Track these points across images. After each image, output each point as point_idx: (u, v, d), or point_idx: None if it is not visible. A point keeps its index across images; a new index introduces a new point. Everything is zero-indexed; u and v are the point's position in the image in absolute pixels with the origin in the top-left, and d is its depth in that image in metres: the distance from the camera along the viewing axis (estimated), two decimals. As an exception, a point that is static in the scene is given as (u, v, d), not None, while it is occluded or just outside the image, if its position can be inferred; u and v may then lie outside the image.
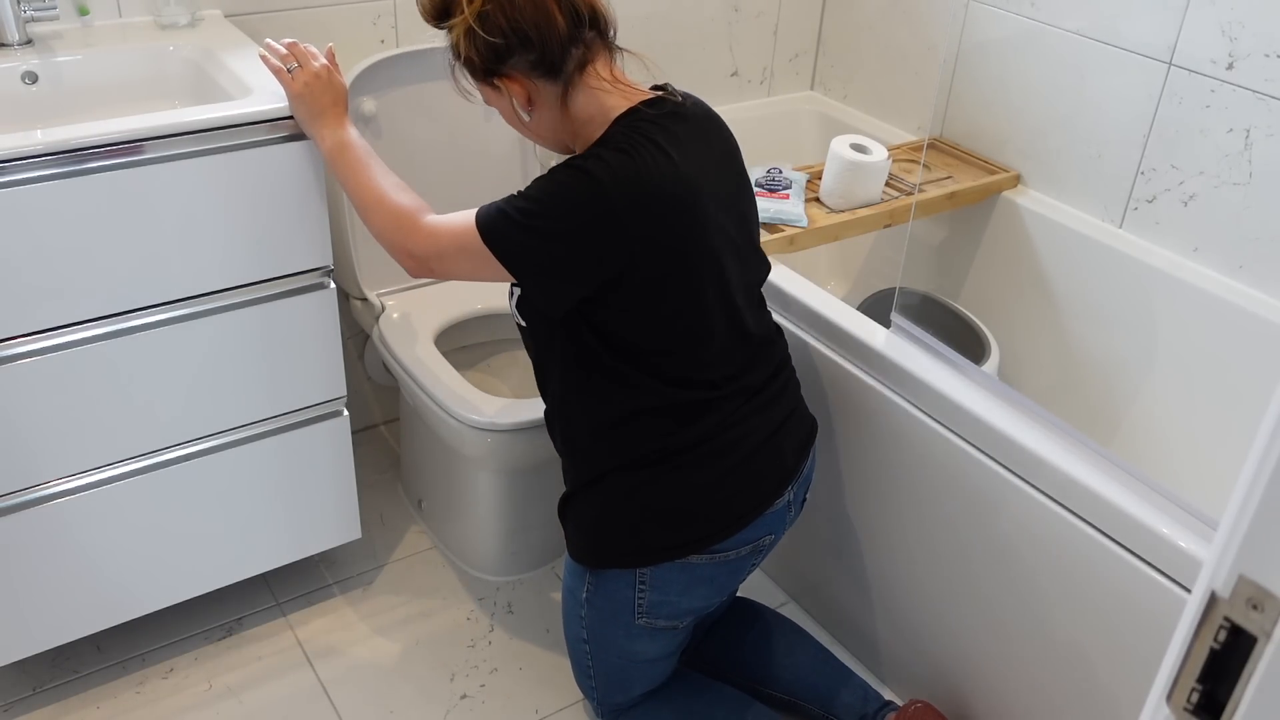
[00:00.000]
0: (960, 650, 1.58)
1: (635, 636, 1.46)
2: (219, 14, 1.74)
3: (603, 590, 1.44)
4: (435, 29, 1.30)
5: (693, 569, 1.38)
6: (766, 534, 1.41)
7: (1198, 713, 0.51)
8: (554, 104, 1.29)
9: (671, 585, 1.40)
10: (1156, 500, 1.28)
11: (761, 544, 1.42)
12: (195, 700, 1.67)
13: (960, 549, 1.52)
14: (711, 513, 1.36)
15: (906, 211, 1.96)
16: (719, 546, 1.37)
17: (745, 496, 1.37)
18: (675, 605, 1.43)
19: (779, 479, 1.40)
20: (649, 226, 1.23)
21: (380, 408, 2.27)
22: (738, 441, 1.36)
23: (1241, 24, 1.65)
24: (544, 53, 1.24)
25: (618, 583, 1.41)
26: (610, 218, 1.21)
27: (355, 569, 1.92)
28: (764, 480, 1.39)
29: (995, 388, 1.48)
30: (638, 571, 1.39)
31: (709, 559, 1.38)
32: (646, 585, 1.40)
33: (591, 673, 1.54)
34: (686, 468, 1.34)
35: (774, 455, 1.40)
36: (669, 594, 1.41)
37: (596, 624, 1.48)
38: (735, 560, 1.41)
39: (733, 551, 1.39)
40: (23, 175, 1.28)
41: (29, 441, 1.42)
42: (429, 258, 1.32)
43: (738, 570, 1.44)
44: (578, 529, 1.44)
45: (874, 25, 2.30)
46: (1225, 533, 0.49)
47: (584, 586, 1.45)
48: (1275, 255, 1.69)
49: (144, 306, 1.43)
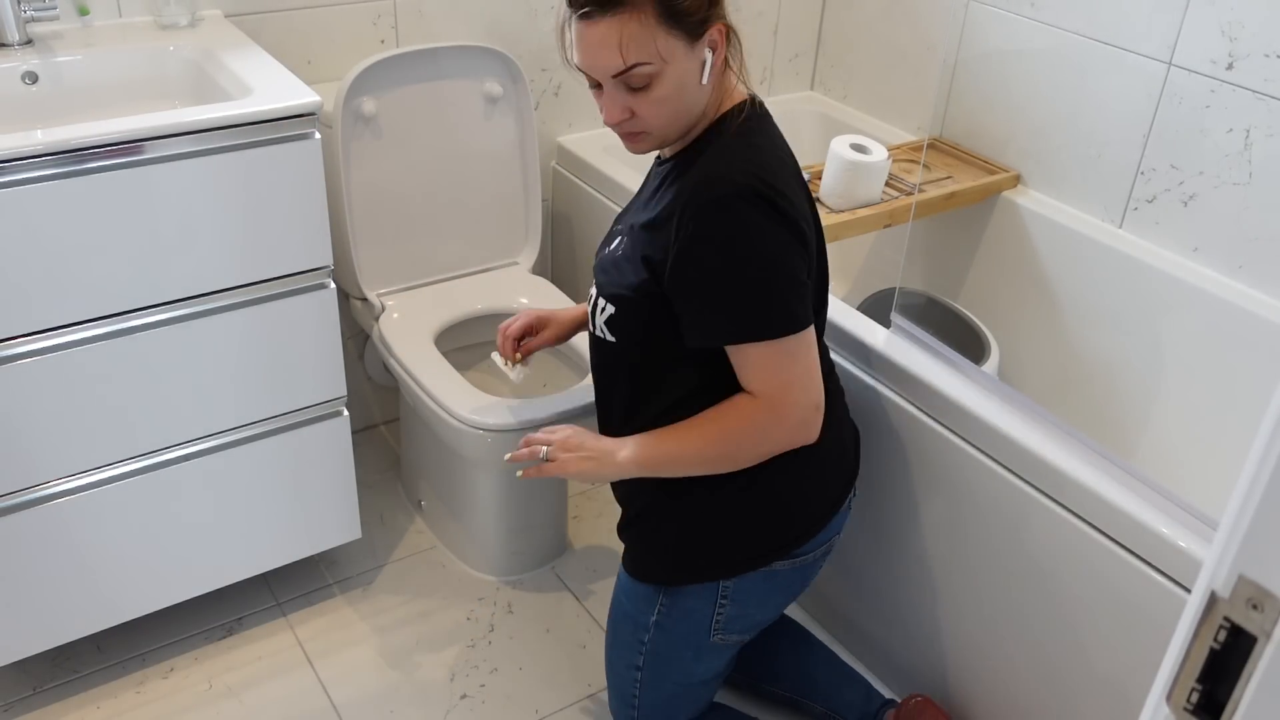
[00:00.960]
0: (959, 650, 1.58)
1: (704, 655, 1.42)
2: (219, 14, 1.74)
3: (677, 610, 1.37)
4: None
5: (775, 576, 1.36)
6: (836, 533, 1.41)
7: (1198, 712, 0.51)
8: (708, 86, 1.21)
9: (752, 596, 1.37)
10: (1156, 500, 1.28)
11: (832, 544, 1.42)
12: (195, 700, 1.67)
13: (959, 549, 1.52)
14: (795, 515, 1.34)
15: (906, 211, 1.96)
16: (802, 549, 1.35)
17: (823, 496, 1.37)
18: (751, 617, 1.41)
19: (848, 476, 1.41)
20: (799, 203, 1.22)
21: (380, 408, 2.27)
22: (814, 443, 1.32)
23: (1241, 24, 1.65)
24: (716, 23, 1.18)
25: (697, 600, 1.36)
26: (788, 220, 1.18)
27: (355, 569, 1.92)
28: (837, 479, 1.39)
29: (995, 388, 1.48)
30: (721, 586, 1.34)
31: (791, 564, 1.36)
32: (728, 599, 1.35)
33: (636, 702, 1.47)
34: (768, 471, 1.29)
35: (840, 452, 1.40)
36: (748, 606, 1.37)
37: (662, 648, 1.41)
38: (811, 563, 1.39)
39: (810, 554, 1.37)
40: (23, 175, 1.28)
41: (29, 441, 1.42)
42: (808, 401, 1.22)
43: (810, 574, 1.42)
44: (652, 548, 1.38)
45: (874, 25, 2.30)
46: (1225, 533, 0.49)
47: (654, 610, 1.38)
48: (1275, 255, 1.69)
49: (144, 306, 1.43)
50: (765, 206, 1.16)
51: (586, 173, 2.13)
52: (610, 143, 2.15)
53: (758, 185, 1.15)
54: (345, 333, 1.75)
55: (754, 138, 1.22)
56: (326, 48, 1.87)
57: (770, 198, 1.16)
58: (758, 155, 1.20)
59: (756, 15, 2.32)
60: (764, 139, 1.23)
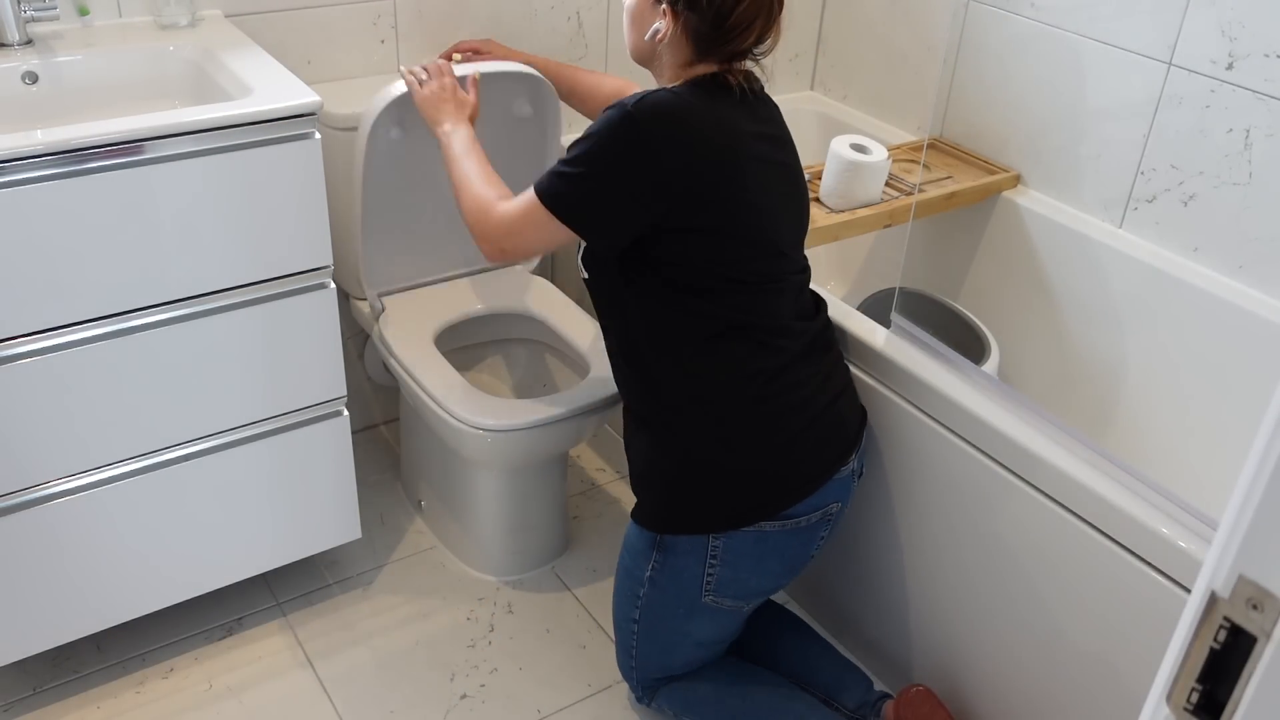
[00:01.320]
0: (959, 650, 1.58)
1: (697, 616, 1.47)
2: (219, 14, 1.74)
3: (670, 566, 1.44)
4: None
5: (766, 538, 1.40)
6: (834, 501, 1.43)
7: (1197, 712, 0.51)
8: (677, 56, 1.37)
9: (744, 558, 1.41)
10: (1156, 500, 1.28)
11: (830, 511, 1.44)
12: (195, 700, 1.67)
13: (959, 549, 1.52)
14: (787, 474, 1.39)
15: (906, 211, 1.96)
16: (793, 510, 1.39)
17: (815, 459, 1.40)
18: (744, 582, 1.44)
19: (844, 444, 1.44)
20: (683, 158, 1.29)
21: (380, 408, 2.27)
22: (804, 404, 1.39)
23: (1241, 24, 1.65)
24: (714, 40, 1.33)
25: (688, 558, 1.42)
26: (643, 147, 1.28)
27: (355, 569, 1.92)
28: (831, 444, 1.42)
29: (995, 388, 1.48)
30: (710, 544, 1.40)
31: (781, 525, 1.39)
32: (718, 559, 1.41)
33: (635, 651, 1.56)
34: (760, 426, 1.37)
35: (838, 421, 1.44)
36: (740, 569, 1.42)
37: (656, 604, 1.48)
38: (807, 528, 1.42)
39: (804, 518, 1.41)
40: (23, 175, 1.28)
41: (29, 441, 1.42)
42: (501, 238, 1.39)
43: (809, 542, 1.45)
44: (649, 496, 1.46)
45: (874, 25, 2.30)
46: (1225, 533, 0.49)
47: (648, 565, 1.46)
48: (1275, 255, 1.69)
49: (144, 306, 1.43)
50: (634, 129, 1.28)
51: (586, 173, 2.12)
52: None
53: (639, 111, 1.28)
54: (345, 333, 1.75)
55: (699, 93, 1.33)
56: (326, 48, 1.87)
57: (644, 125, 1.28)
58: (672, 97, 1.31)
59: None
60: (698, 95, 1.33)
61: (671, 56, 1.37)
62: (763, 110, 1.41)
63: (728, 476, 1.39)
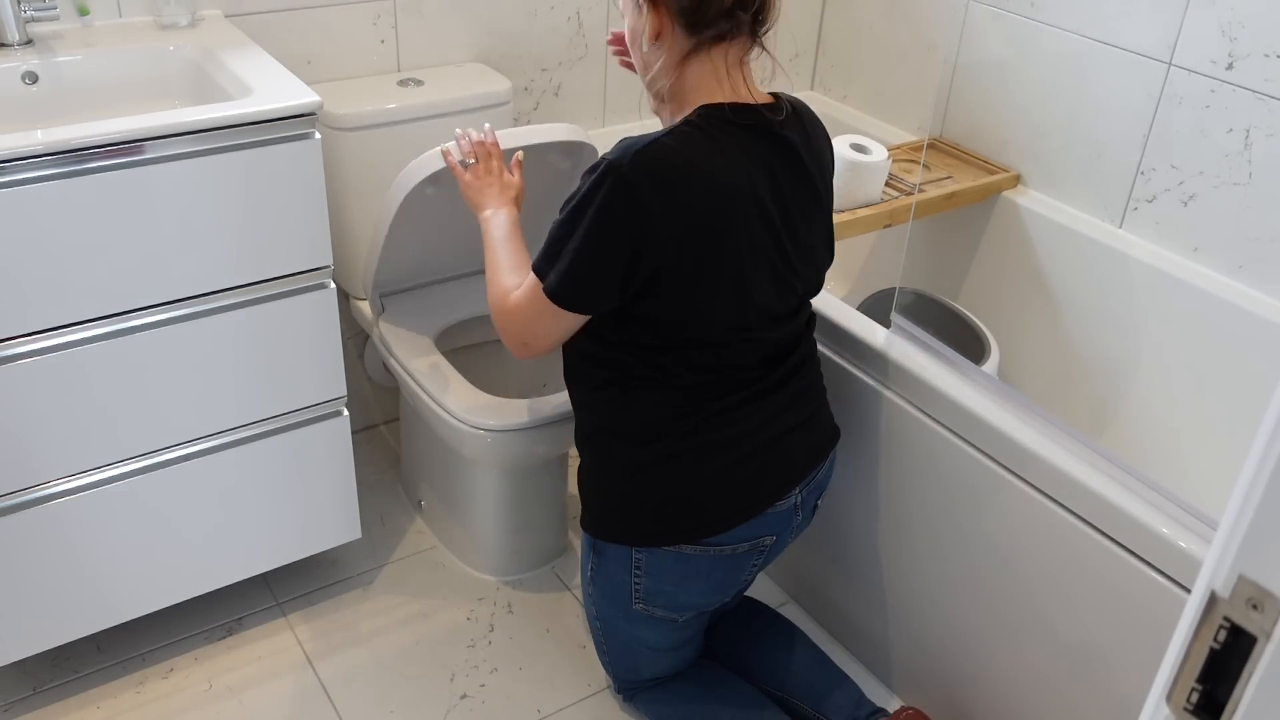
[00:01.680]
0: (958, 649, 1.58)
1: (634, 621, 1.49)
2: (219, 14, 1.74)
3: (604, 569, 1.47)
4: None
5: (687, 560, 1.39)
6: (767, 534, 1.41)
7: (1198, 713, 0.51)
8: (674, 55, 1.28)
9: (666, 574, 1.41)
10: (1156, 500, 1.28)
11: (761, 544, 1.42)
12: (195, 700, 1.67)
13: (959, 549, 1.52)
14: (708, 504, 1.37)
15: (906, 211, 1.96)
16: (712, 540, 1.38)
17: (745, 493, 1.37)
18: (671, 597, 1.44)
19: (782, 480, 1.40)
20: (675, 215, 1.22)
21: (380, 408, 2.27)
22: (743, 438, 1.36)
23: (1241, 24, 1.65)
24: (696, 8, 1.24)
25: (615, 564, 1.44)
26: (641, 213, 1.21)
27: (355, 569, 1.92)
28: (766, 480, 1.39)
29: (995, 388, 1.48)
30: (633, 555, 1.41)
31: (702, 550, 1.38)
32: (642, 571, 1.42)
33: (605, 648, 1.59)
34: (689, 455, 1.35)
35: (781, 456, 1.39)
36: (664, 583, 1.42)
37: (600, 604, 1.53)
38: (732, 557, 1.41)
39: (728, 547, 1.39)
40: (23, 175, 1.28)
41: (29, 441, 1.42)
42: (519, 332, 1.34)
43: (736, 568, 1.44)
44: (589, 501, 1.47)
45: (874, 25, 2.30)
46: (1225, 533, 0.49)
47: (589, 564, 1.50)
48: (1275, 255, 1.69)
49: (144, 306, 1.43)
50: (621, 188, 1.20)
51: (586, 173, 2.12)
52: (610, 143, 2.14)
53: (628, 168, 1.20)
54: (345, 333, 1.75)
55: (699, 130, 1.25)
56: (326, 48, 1.87)
57: (632, 183, 1.20)
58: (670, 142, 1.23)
59: None
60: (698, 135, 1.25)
61: (669, 56, 1.28)
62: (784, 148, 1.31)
63: (651, 497, 1.38)
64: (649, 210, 1.20)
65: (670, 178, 1.21)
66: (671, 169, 1.21)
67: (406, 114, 1.83)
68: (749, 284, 1.29)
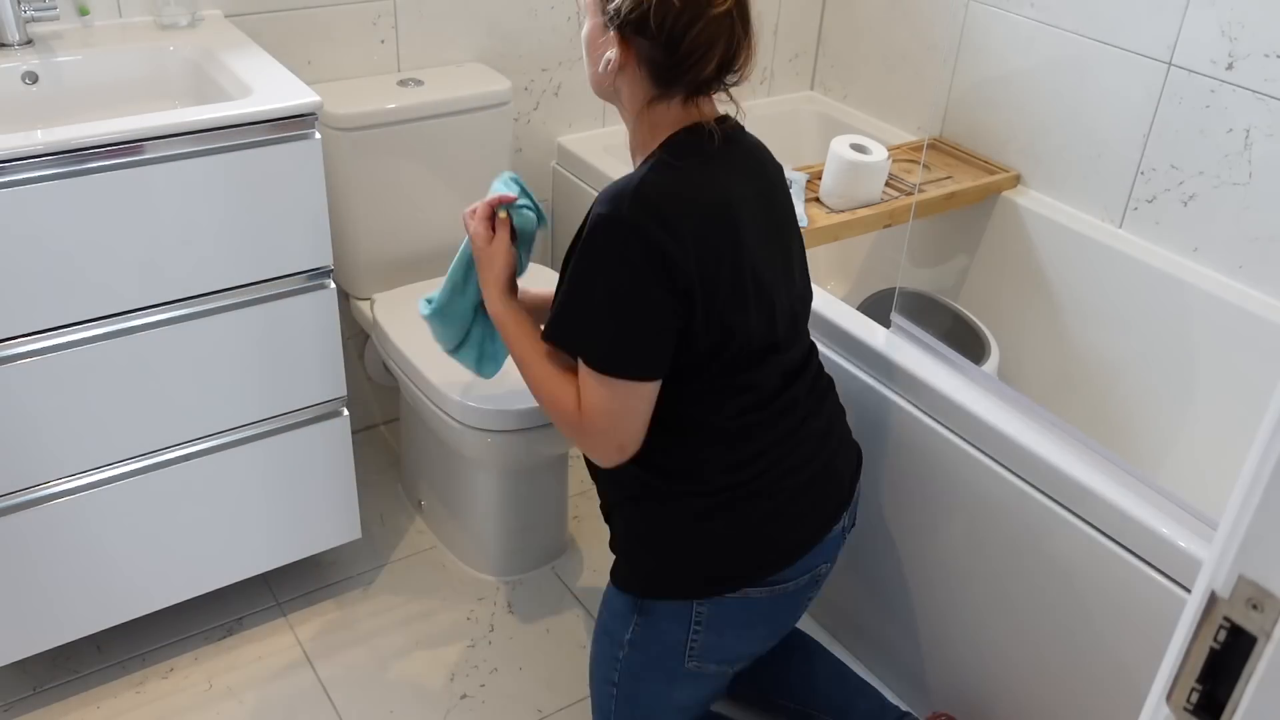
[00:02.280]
0: (959, 648, 1.58)
1: (679, 681, 1.39)
2: (219, 14, 1.74)
3: (652, 631, 1.35)
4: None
5: (753, 604, 1.33)
6: (824, 562, 1.37)
7: (1197, 712, 0.51)
8: (637, 92, 1.24)
9: (729, 623, 1.34)
10: (1156, 500, 1.28)
11: (819, 573, 1.38)
12: (195, 700, 1.67)
13: (959, 549, 1.52)
14: (774, 541, 1.31)
15: (906, 211, 1.96)
16: (781, 576, 1.32)
17: (808, 523, 1.34)
18: (730, 648, 1.38)
19: (837, 502, 1.37)
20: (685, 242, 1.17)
21: (380, 408, 2.27)
22: (798, 467, 1.32)
23: (1241, 24, 1.65)
24: (672, 70, 1.19)
25: (670, 622, 1.34)
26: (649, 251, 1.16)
27: (355, 569, 1.92)
28: (824, 505, 1.35)
29: (995, 388, 1.48)
30: (694, 609, 1.32)
31: (769, 592, 1.33)
32: (703, 625, 1.33)
33: (613, 715, 1.46)
34: (751, 496, 1.29)
35: (832, 479, 1.36)
36: (725, 634, 1.35)
37: (636, 667, 1.39)
38: (794, 593, 1.36)
39: (792, 582, 1.34)
40: (23, 175, 1.28)
41: (29, 441, 1.42)
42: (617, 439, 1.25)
43: (796, 604, 1.39)
44: (630, 559, 1.38)
45: (874, 25, 2.30)
46: (1225, 533, 0.49)
47: (629, 627, 1.37)
48: (1275, 255, 1.69)
49: (144, 306, 1.43)
50: (630, 236, 1.16)
51: (586, 173, 2.13)
52: (610, 143, 2.15)
53: (628, 214, 1.16)
54: (345, 333, 1.74)
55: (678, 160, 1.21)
56: (326, 48, 1.87)
57: (636, 225, 1.16)
58: (662, 180, 1.19)
59: (756, 15, 2.31)
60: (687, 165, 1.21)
61: (630, 91, 1.24)
62: (751, 160, 1.30)
63: (715, 542, 1.30)
64: (663, 246, 1.16)
65: (672, 211, 1.17)
66: (670, 202, 1.18)
67: (406, 114, 1.83)
68: (770, 292, 1.27)
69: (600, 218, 1.18)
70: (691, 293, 1.19)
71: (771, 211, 1.32)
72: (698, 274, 1.19)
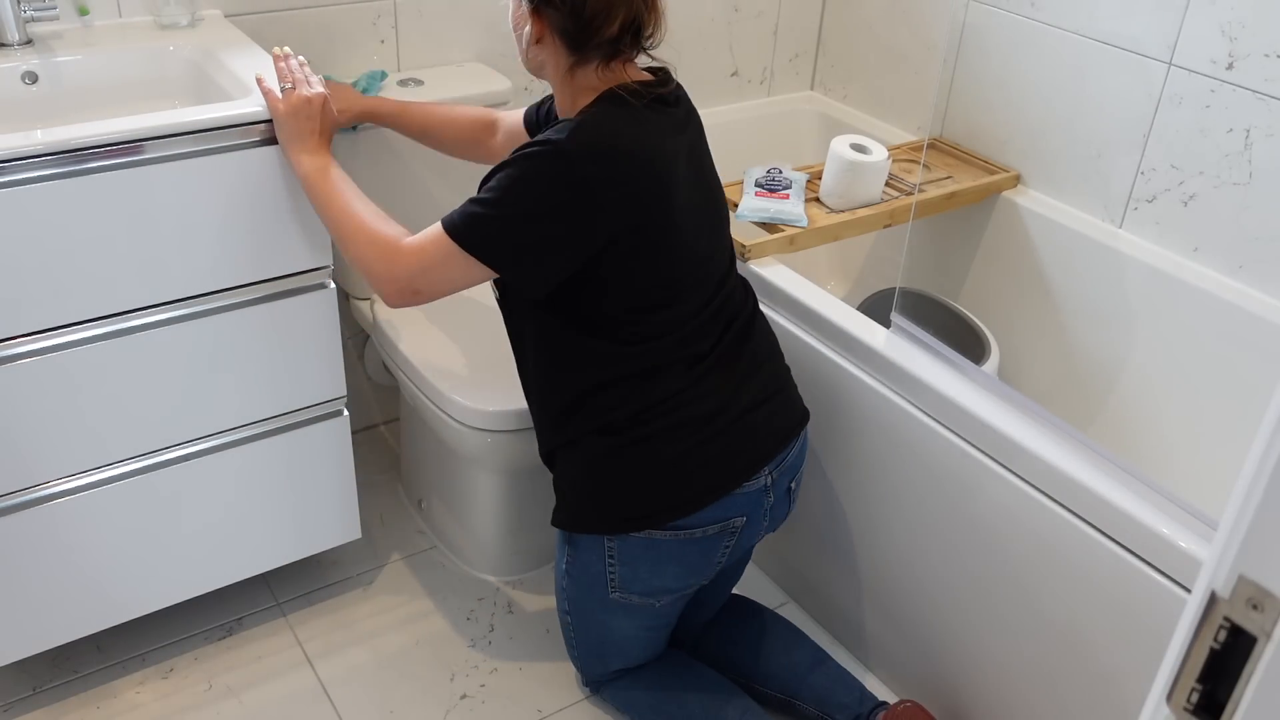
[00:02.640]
0: (958, 649, 1.58)
1: (611, 610, 1.50)
2: (219, 14, 1.74)
3: (579, 561, 1.48)
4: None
5: (659, 545, 1.40)
6: (737, 515, 1.41)
7: (1198, 713, 0.51)
8: (558, 60, 1.32)
9: (640, 561, 1.42)
10: (1156, 500, 1.28)
11: (731, 525, 1.41)
12: (195, 700, 1.67)
13: (959, 549, 1.52)
14: (675, 486, 1.38)
15: (906, 211, 1.96)
16: (682, 522, 1.38)
17: (710, 473, 1.38)
18: (646, 582, 1.45)
19: (751, 459, 1.40)
20: (618, 188, 1.25)
21: (380, 408, 2.27)
22: (709, 417, 1.37)
23: (1241, 24, 1.65)
24: (580, 33, 1.28)
25: (590, 555, 1.46)
26: (582, 190, 1.24)
27: (355, 569, 1.92)
28: (734, 459, 1.39)
29: (995, 388, 1.48)
30: (606, 544, 1.43)
31: (672, 534, 1.39)
32: (615, 559, 1.43)
33: (575, 641, 1.61)
34: (654, 439, 1.36)
35: (746, 434, 1.40)
36: (639, 570, 1.43)
37: (576, 595, 1.53)
38: (704, 540, 1.41)
39: (698, 530, 1.40)
40: (23, 175, 1.28)
41: (29, 441, 1.42)
42: (412, 277, 1.32)
43: (709, 550, 1.44)
44: (561, 495, 1.48)
45: (874, 25, 2.30)
46: (1225, 533, 0.49)
47: (564, 558, 1.51)
48: (1275, 255, 1.69)
49: (144, 306, 1.43)
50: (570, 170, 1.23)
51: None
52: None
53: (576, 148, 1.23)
54: (345, 333, 1.75)
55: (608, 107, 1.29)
56: (326, 48, 1.87)
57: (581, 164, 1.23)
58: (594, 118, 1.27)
59: (756, 15, 2.32)
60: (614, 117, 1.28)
61: (553, 62, 1.33)
62: (679, 112, 1.37)
63: (619, 481, 1.40)
64: (593, 184, 1.24)
65: (619, 149, 1.26)
66: (618, 140, 1.26)
67: (406, 114, 1.83)
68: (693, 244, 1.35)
69: (538, 142, 1.25)
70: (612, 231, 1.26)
71: (699, 166, 1.40)
72: (624, 219, 1.26)
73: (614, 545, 1.43)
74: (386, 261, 1.33)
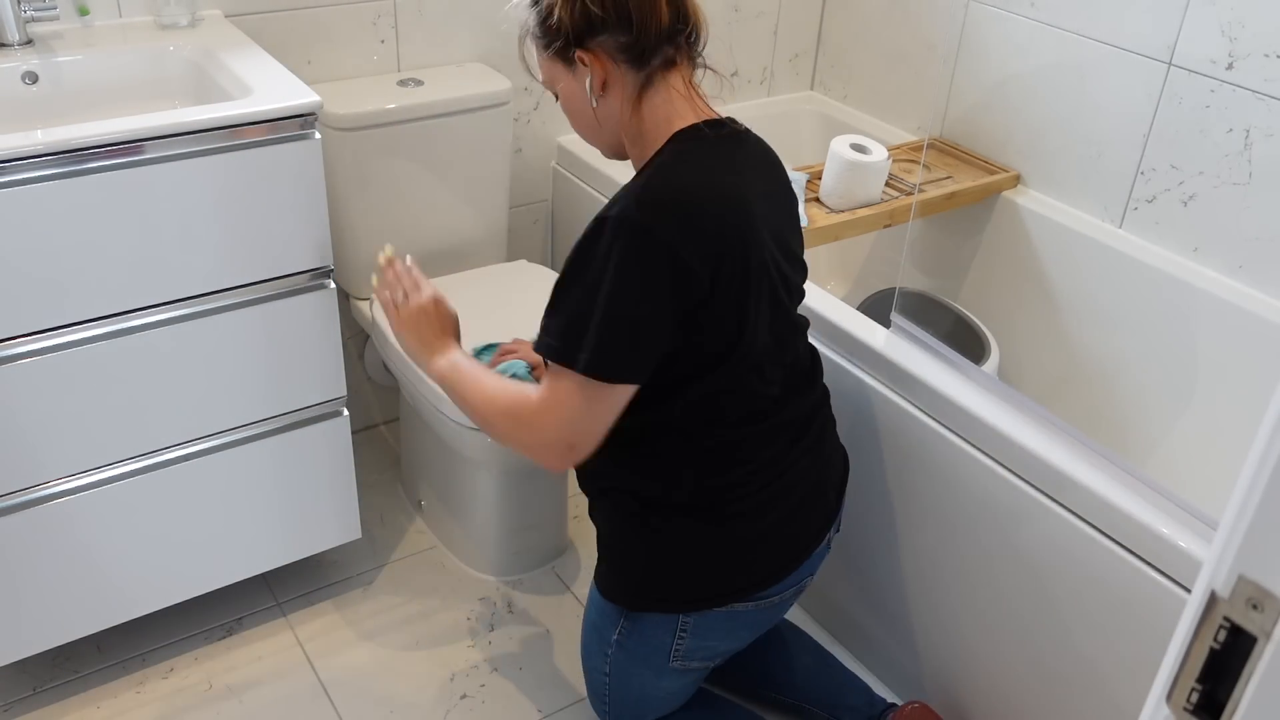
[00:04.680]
0: (959, 649, 1.58)
1: (665, 676, 1.43)
2: (219, 14, 1.74)
3: (638, 634, 1.38)
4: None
5: (739, 615, 1.35)
6: (809, 575, 1.40)
7: (1197, 713, 0.51)
8: (628, 95, 1.22)
9: (714, 631, 1.36)
10: (1156, 500, 1.28)
11: (804, 585, 1.41)
12: (195, 700, 1.67)
13: (959, 549, 1.52)
14: (765, 559, 1.33)
15: (906, 211, 1.96)
16: (766, 594, 1.34)
17: (796, 541, 1.35)
18: (714, 649, 1.41)
19: (824, 520, 1.38)
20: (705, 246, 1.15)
21: (380, 408, 2.27)
22: (791, 486, 1.32)
23: (1241, 24, 1.65)
24: (639, 38, 1.18)
25: (656, 629, 1.36)
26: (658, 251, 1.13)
27: (355, 569, 1.92)
28: (812, 523, 1.36)
29: (995, 388, 1.48)
30: (680, 620, 1.34)
31: (754, 605, 1.35)
32: (688, 632, 1.35)
33: (608, 700, 1.49)
34: (738, 513, 1.29)
35: (820, 496, 1.37)
36: (709, 639, 1.37)
37: (624, 664, 1.43)
38: (779, 604, 1.39)
39: (776, 596, 1.36)
40: (23, 175, 1.28)
41: (29, 441, 1.42)
42: (564, 436, 1.19)
43: (779, 612, 1.42)
44: (617, 571, 1.38)
45: (874, 25, 2.30)
46: (1225, 533, 0.49)
47: (615, 629, 1.40)
48: (1275, 255, 1.69)
49: (144, 306, 1.43)
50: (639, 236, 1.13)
51: (586, 173, 2.13)
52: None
53: (636, 214, 1.13)
54: (345, 333, 1.74)
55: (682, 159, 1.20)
56: (326, 48, 1.87)
57: (646, 227, 1.13)
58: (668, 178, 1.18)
59: (756, 15, 2.32)
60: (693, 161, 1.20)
61: (619, 99, 1.22)
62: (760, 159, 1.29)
63: (702, 563, 1.31)
64: (676, 249, 1.13)
65: (681, 211, 1.15)
66: (679, 201, 1.16)
67: (406, 114, 1.83)
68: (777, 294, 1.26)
69: (605, 219, 1.14)
70: (702, 299, 1.16)
71: (782, 213, 1.31)
72: (710, 274, 1.15)
73: (689, 620, 1.33)
74: (523, 431, 1.23)
